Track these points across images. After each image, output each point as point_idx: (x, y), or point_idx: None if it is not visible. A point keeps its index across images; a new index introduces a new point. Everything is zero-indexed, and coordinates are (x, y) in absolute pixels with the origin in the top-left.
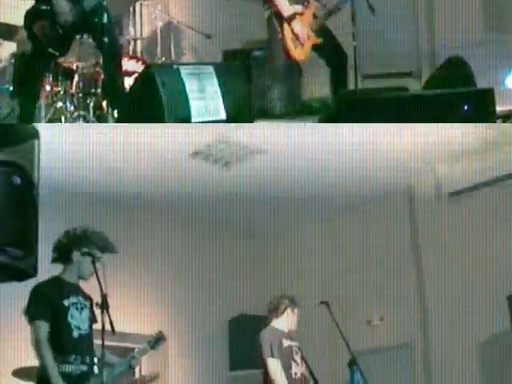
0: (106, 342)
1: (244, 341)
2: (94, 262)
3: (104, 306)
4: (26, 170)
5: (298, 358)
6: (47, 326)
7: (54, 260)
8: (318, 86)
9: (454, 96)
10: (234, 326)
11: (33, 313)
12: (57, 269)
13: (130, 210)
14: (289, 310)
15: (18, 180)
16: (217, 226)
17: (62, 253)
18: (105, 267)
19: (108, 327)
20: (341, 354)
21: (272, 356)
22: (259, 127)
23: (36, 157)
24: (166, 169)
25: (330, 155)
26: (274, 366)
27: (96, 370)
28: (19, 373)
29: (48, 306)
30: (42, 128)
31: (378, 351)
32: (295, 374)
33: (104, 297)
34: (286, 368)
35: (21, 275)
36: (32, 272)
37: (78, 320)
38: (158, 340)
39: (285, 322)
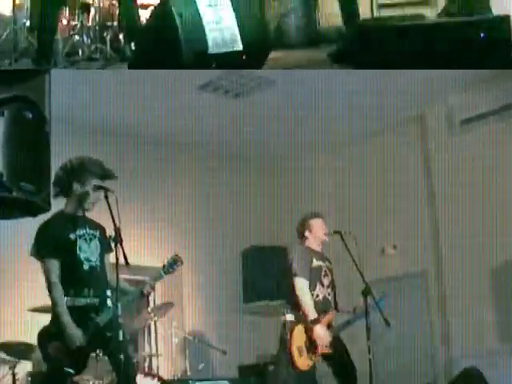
0: (120, 275)
1: (257, 273)
2: (106, 196)
3: (117, 239)
4: (38, 105)
5: (325, 280)
6: (57, 263)
7: (56, 195)
8: None
9: None
10: (247, 257)
11: (41, 251)
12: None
13: (142, 145)
14: (315, 220)
15: (29, 115)
16: (228, 158)
17: (62, 186)
18: (118, 201)
19: (122, 260)
20: (355, 283)
21: (300, 275)
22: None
23: (47, 92)
24: (176, 101)
25: (344, 83)
26: (301, 284)
27: (109, 302)
28: (36, 309)
29: (55, 242)
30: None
31: (391, 280)
32: (317, 296)
33: (117, 230)
34: (310, 288)
35: (35, 210)
36: (46, 206)
37: (87, 252)
38: (173, 263)
39: (315, 238)
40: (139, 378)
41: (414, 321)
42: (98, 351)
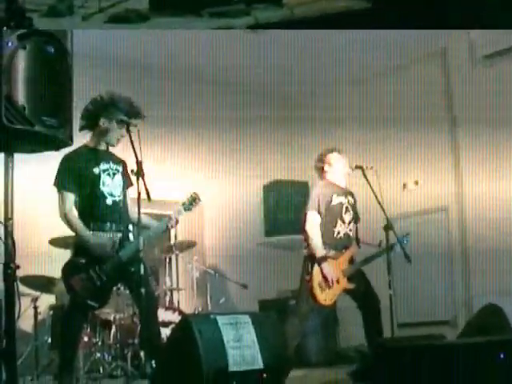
0: (142, 210)
1: (279, 207)
2: (128, 130)
3: (139, 173)
4: (60, 39)
5: (347, 217)
6: (73, 196)
7: (82, 128)
8: (355, 332)
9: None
10: (268, 192)
11: (60, 184)
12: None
13: (165, 80)
14: (334, 154)
15: (51, 49)
16: (253, 94)
17: (89, 120)
18: (140, 134)
19: (144, 194)
20: (376, 217)
21: (313, 210)
22: None
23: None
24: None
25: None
26: (312, 218)
27: (131, 237)
28: (56, 241)
29: (76, 176)
30: None
31: (413, 215)
32: (338, 232)
33: (139, 164)
34: (331, 226)
35: (57, 144)
36: (68, 141)
37: (110, 186)
38: (192, 201)
39: (336, 171)
40: (160, 311)
41: (435, 257)
42: (119, 285)
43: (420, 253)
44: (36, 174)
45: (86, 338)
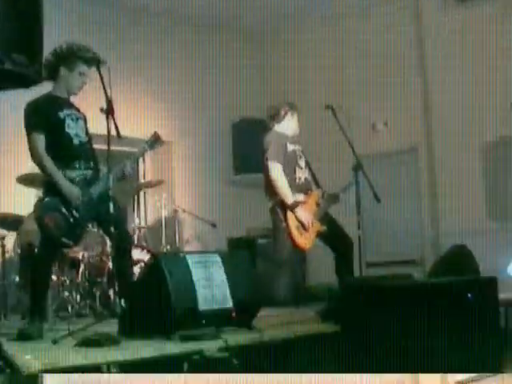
0: (117, 148)
1: (247, 145)
2: (98, 68)
3: (109, 110)
4: None
5: (302, 163)
6: (43, 137)
7: (44, 78)
8: (323, 271)
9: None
10: (237, 130)
11: (29, 126)
12: None
13: (136, 15)
14: (289, 114)
15: None
16: (222, 30)
17: (50, 70)
18: (110, 71)
19: (113, 132)
20: (345, 158)
21: (274, 159)
22: None
23: None
24: None
25: None
26: (276, 168)
27: (101, 175)
28: (23, 178)
29: (43, 118)
30: None
31: (382, 156)
32: (299, 178)
33: (109, 102)
34: (291, 173)
35: (27, 82)
36: (37, 78)
37: (75, 129)
38: (155, 141)
39: (287, 126)
40: None
41: (404, 197)
42: (89, 224)
43: (389, 193)
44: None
45: (54, 277)
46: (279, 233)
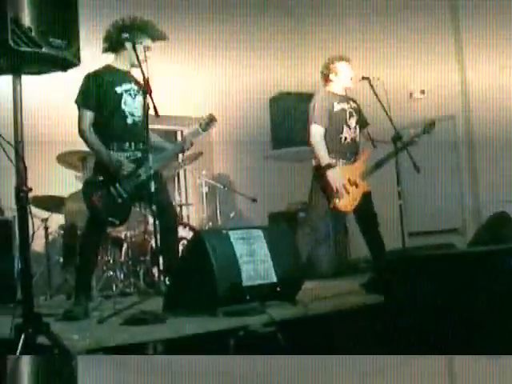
0: (156, 126)
1: (285, 119)
2: (134, 47)
3: (147, 89)
4: None
5: (352, 122)
6: (92, 114)
7: (105, 50)
8: (363, 244)
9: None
10: (275, 104)
11: (81, 99)
12: (101, 59)
13: None
14: (342, 63)
15: None
16: (258, 5)
17: (112, 42)
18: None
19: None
20: (384, 128)
21: (316, 122)
22: None
23: None
24: None
25: None
26: (315, 131)
27: (150, 157)
28: (62, 158)
29: (97, 94)
30: None
31: (420, 124)
32: (345, 138)
33: (147, 81)
34: (337, 133)
35: (65, 65)
36: (75, 61)
37: (131, 106)
38: (209, 122)
39: (339, 81)
40: None
41: (443, 166)
42: (136, 203)
43: (428, 162)
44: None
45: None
46: (316, 195)
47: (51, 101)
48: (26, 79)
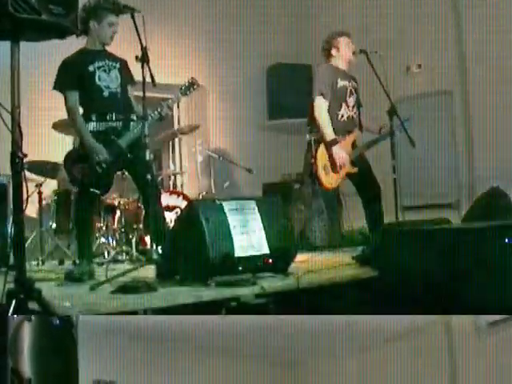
0: (153, 94)
1: (282, 90)
2: (133, 17)
3: (144, 59)
4: None
5: (350, 101)
6: (75, 93)
7: (79, 33)
8: (359, 215)
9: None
10: (272, 75)
11: (62, 84)
12: None
13: None
14: (342, 38)
15: None
16: None
17: (82, 25)
18: (144, 21)
19: (148, 79)
20: (380, 102)
21: (321, 95)
22: None
23: None
24: None
25: None
26: (319, 104)
27: (131, 125)
28: (58, 125)
29: (75, 74)
30: None
31: (417, 98)
32: (342, 116)
33: (144, 50)
34: (335, 109)
35: (63, 32)
36: (74, 29)
37: (106, 81)
38: (189, 86)
39: (342, 56)
40: (164, 196)
41: (439, 140)
42: (123, 172)
43: (424, 137)
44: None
45: None
46: (307, 169)
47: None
48: (24, 45)
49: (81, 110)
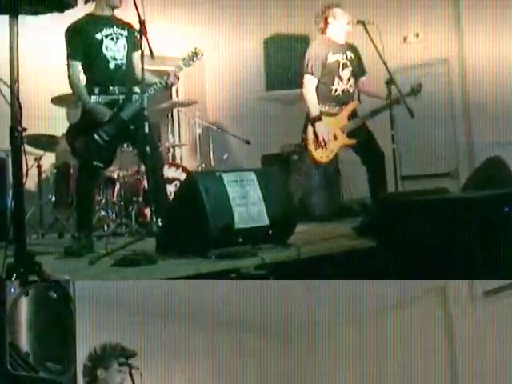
0: (146, 67)
1: (280, 61)
2: None
3: (142, 31)
4: None
5: (344, 74)
6: (78, 63)
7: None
8: (358, 186)
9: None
10: (269, 45)
11: (67, 52)
12: None
13: None
14: (336, 9)
15: None
16: None
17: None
18: None
19: (147, 52)
20: (378, 72)
21: (309, 73)
22: None
23: None
24: None
25: None
26: (307, 82)
27: (134, 98)
28: (57, 100)
29: (80, 43)
30: None
31: (414, 68)
32: (335, 90)
33: (142, 23)
34: (328, 84)
35: (62, 5)
36: (72, 2)
37: (113, 50)
38: (192, 56)
39: (333, 32)
40: (164, 168)
41: (437, 110)
42: (124, 144)
43: (422, 106)
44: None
45: None
46: (302, 143)
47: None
48: (22, 19)
49: (84, 81)
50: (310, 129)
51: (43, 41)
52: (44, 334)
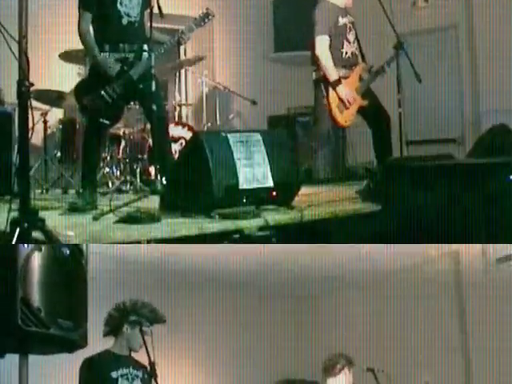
0: (154, 25)
1: (288, 21)
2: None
3: None
4: None
5: (351, 37)
6: (90, 15)
7: (106, 334)
8: (362, 151)
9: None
10: (278, 6)
11: (80, 1)
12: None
13: None
14: None
15: None
16: None
17: (113, 326)
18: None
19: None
20: (387, 38)
21: (323, 33)
22: None
23: None
24: None
25: None
26: (321, 42)
27: (144, 56)
28: (65, 55)
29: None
30: None
31: (423, 33)
32: (345, 53)
33: None
34: (338, 47)
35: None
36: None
37: (127, 6)
38: (204, 17)
39: None
40: (169, 127)
41: (444, 74)
42: (131, 102)
43: (429, 71)
44: None
45: None
46: (320, 108)
47: None
48: None
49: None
50: (332, 93)
51: None
52: (56, 290)
